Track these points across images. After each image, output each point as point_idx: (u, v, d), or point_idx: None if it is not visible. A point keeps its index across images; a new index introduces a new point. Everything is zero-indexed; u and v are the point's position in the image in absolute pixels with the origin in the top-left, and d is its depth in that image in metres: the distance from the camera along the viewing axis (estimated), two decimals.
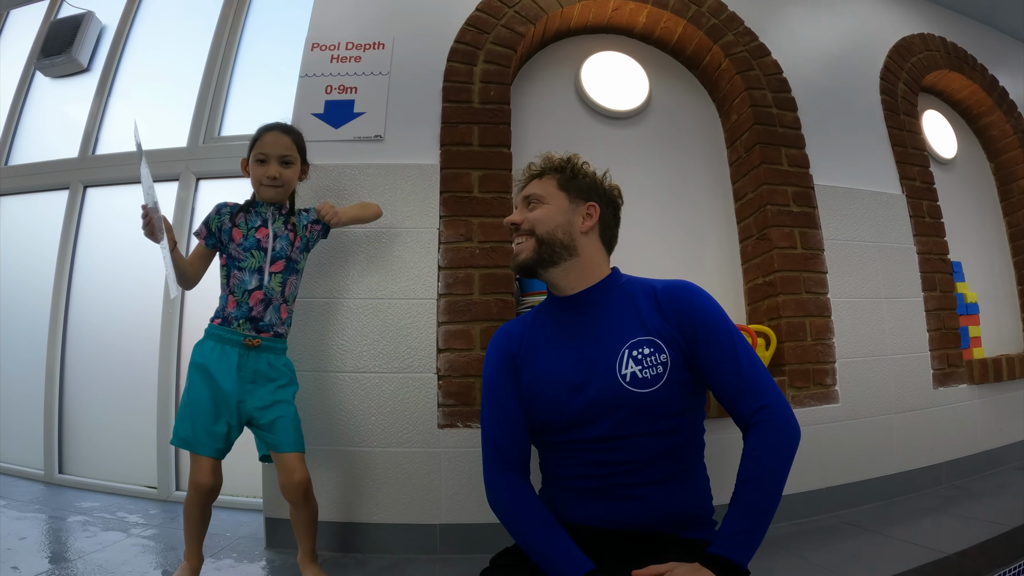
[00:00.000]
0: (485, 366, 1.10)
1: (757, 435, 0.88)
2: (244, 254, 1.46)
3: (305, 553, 1.47)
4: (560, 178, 1.07)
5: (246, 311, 1.43)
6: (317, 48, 2.01)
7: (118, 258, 2.52)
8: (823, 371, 1.98)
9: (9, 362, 2.62)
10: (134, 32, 2.84)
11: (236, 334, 1.42)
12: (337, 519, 1.68)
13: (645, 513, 0.94)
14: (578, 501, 0.98)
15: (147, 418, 2.29)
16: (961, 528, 1.68)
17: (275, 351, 1.47)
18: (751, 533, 0.82)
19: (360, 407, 1.73)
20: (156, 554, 1.66)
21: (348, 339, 1.76)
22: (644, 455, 0.94)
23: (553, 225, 1.03)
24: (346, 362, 1.75)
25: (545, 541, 0.90)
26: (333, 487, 1.70)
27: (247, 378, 1.42)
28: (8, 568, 1.49)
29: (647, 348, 0.94)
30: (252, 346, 1.42)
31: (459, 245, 1.81)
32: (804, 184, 2.12)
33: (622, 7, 2.18)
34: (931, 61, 2.61)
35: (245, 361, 1.42)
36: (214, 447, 1.38)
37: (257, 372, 1.43)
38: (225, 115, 2.54)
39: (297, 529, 1.47)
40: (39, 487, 2.35)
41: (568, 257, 1.03)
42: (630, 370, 0.93)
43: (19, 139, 2.90)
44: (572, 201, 1.05)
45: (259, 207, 1.53)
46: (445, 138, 1.91)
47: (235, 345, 1.41)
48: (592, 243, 1.06)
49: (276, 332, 1.47)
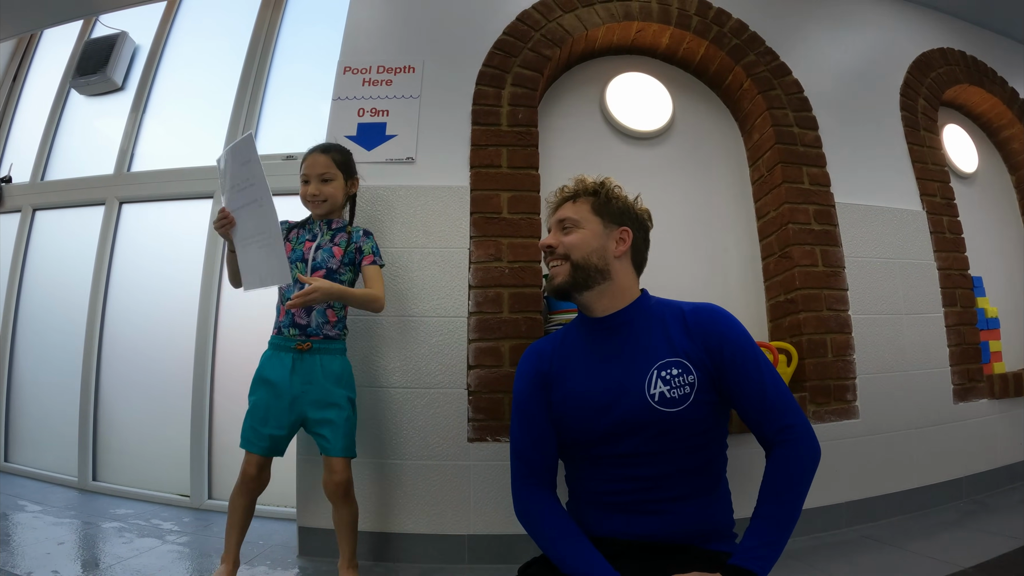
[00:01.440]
0: (516, 382, 1.13)
1: (780, 453, 0.92)
2: (291, 266, 1.54)
3: (344, 558, 1.52)
4: (594, 202, 1.09)
5: (290, 319, 1.54)
6: (349, 72, 2.07)
7: (153, 272, 2.60)
8: (844, 387, 2.00)
9: (46, 372, 2.71)
10: (167, 52, 2.93)
11: (288, 340, 1.53)
12: (369, 529, 1.73)
13: (669, 527, 0.97)
14: (604, 514, 1.01)
15: (180, 428, 2.36)
16: (979, 542, 1.70)
17: (328, 352, 1.55)
18: (771, 546, 0.85)
19: (393, 421, 1.78)
20: (191, 560, 1.72)
21: (382, 355, 1.82)
22: (670, 471, 0.97)
23: (588, 250, 1.06)
24: (380, 377, 1.81)
25: (572, 551, 0.93)
26: (366, 497, 1.75)
27: (302, 380, 1.51)
28: (49, 572, 1.55)
29: (675, 369, 0.97)
30: (304, 350, 1.52)
31: (489, 265, 1.87)
32: (825, 202, 2.15)
33: (645, 29, 2.22)
34: (951, 75, 2.62)
35: (299, 365, 1.51)
36: (260, 446, 1.49)
37: (311, 374, 1.52)
38: (258, 133, 2.61)
39: (338, 532, 1.53)
40: (74, 494, 2.41)
41: (602, 281, 1.06)
42: (658, 390, 0.96)
43: (55, 156, 3.00)
44: (606, 226, 1.08)
45: (311, 224, 1.65)
46: (475, 160, 1.96)
47: (288, 351, 1.52)
48: (624, 267, 1.09)
49: (326, 335, 1.55)
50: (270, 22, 2.76)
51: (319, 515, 1.73)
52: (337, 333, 1.58)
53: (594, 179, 1.12)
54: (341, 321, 1.59)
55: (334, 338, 1.57)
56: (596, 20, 2.17)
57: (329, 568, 1.66)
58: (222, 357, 2.42)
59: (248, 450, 1.50)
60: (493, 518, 1.73)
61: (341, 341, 1.60)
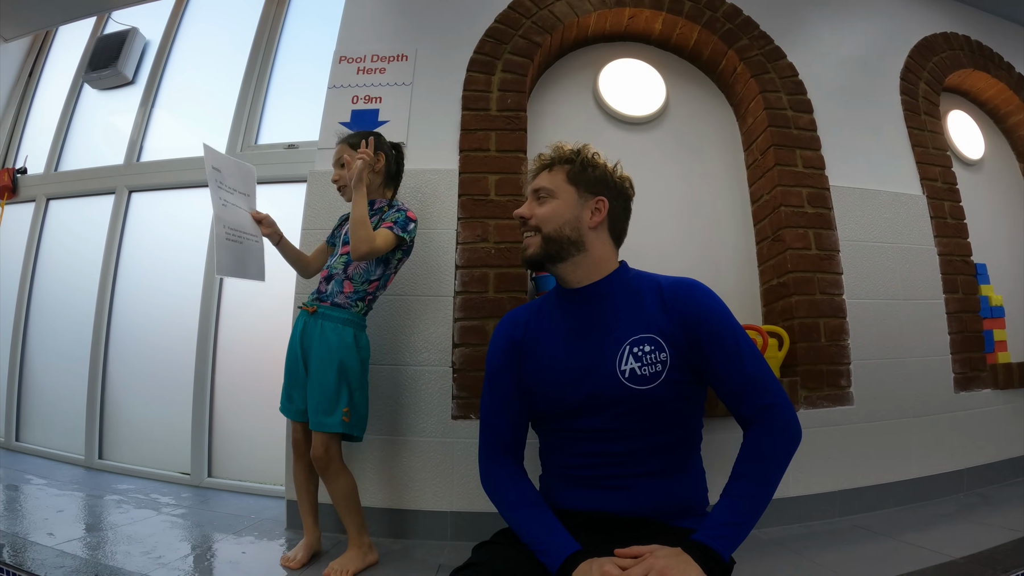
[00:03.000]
0: (489, 350, 1.11)
1: (757, 432, 0.89)
2: (333, 247, 1.70)
3: (350, 537, 1.51)
4: (570, 170, 1.05)
5: (317, 286, 1.62)
6: (344, 61, 2.12)
7: (160, 259, 2.67)
8: (837, 372, 1.97)
9: (56, 355, 2.81)
10: (176, 47, 3.02)
11: (306, 305, 1.60)
12: (375, 504, 1.76)
13: (635, 502, 0.95)
14: (571, 487, 1.00)
15: (183, 410, 2.42)
16: (974, 534, 1.65)
17: (331, 319, 1.55)
18: (737, 526, 0.82)
19: (378, 398, 1.80)
20: (184, 530, 1.77)
21: (369, 333, 1.84)
22: (639, 447, 0.95)
23: (560, 222, 1.02)
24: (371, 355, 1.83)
25: (534, 523, 0.92)
26: (372, 471, 1.78)
27: (305, 343, 1.56)
28: (44, 534, 1.60)
29: (648, 346, 0.95)
30: (310, 312, 1.57)
31: (475, 245, 1.89)
32: (819, 185, 2.13)
33: (638, 15, 2.23)
34: (954, 60, 2.57)
35: (308, 328, 1.56)
36: (291, 409, 1.57)
37: (311, 338, 1.54)
38: (262, 124, 2.68)
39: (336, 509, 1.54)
40: (79, 471, 2.50)
41: (576, 252, 1.03)
42: (629, 366, 0.94)
43: (68, 147, 3.11)
44: (581, 195, 1.04)
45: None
46: (464, 144, 1.99)
47: (302, 314, 1.60)
48: (600, 238, 1.05)
49: (335, 302, 1.57)
50: (274, 17, 2.83)
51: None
52: (346, 302, 1.57)
53: (572, 146, 1.08)
54: (356, 293, 1.58)
55: (342, 306, 1.56)
56: (588, 7, 2.18)
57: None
58: (224, 342, 2.47)
59: (284, 414, 1.60)
60: (476, 495, 1.73)
61: (348, 311, 1.56)
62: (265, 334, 2.38)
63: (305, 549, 1.54)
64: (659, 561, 0.77)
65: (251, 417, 2.38)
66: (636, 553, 0.80)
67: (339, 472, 1.51)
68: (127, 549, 1.54)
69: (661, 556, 0.78)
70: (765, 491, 0.85)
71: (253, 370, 2.41)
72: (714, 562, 0.78)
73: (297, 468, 1.61)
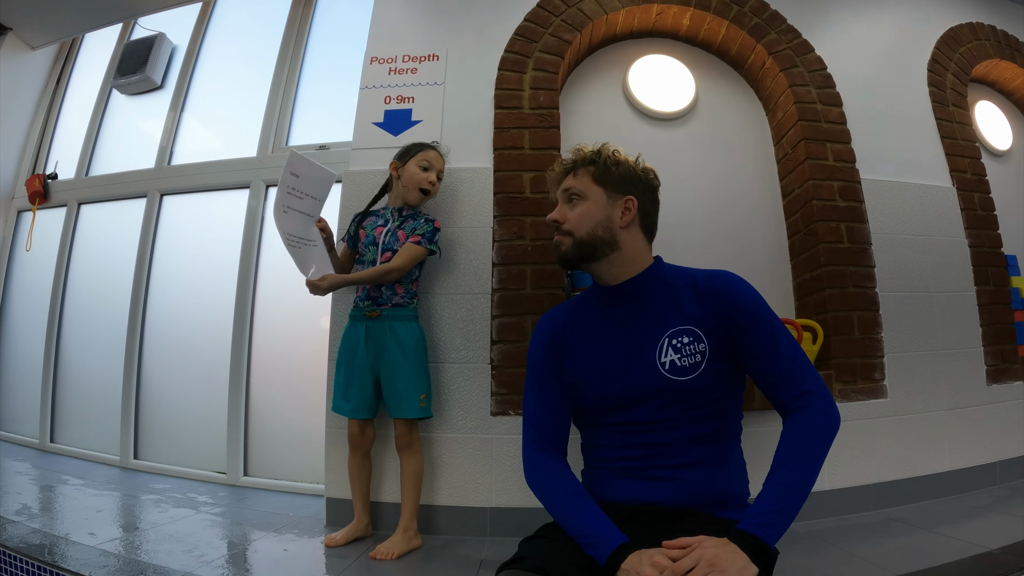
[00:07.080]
0: (530, 349, 1.13)
1: (797, 419, 0.90)
2: (365, 250, 1.77)
3: (402, 517, 1.64)
4: (595, 171, 1.06)
5: (365, 293, 1.73)
6: (376, 62, 2.14)
7: (193, 260, 2.71)
8: (871, 365, 1.98)
9: (91, 357, 2.85)
10: (203, 50, 3.06)
11: (361, 311, 1.72)
12: (393, 500, 1.79)
13: (680, 494, 0.96)
14: (615, 480, 1.01)
15: (218, 409, 2.46)
16: (1008, 525, 1.65)
17: (398, 319, 1.70)
18: (781, 513, 0.83)
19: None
20: (224, 528, 1.80)
21: None
22: (681, 438, 0.96)
23: (593, 224, 1.03)
24: None
25: (580, 516, 0.92)
26: (390, 469, 1.81)
27: (375, 346, 1.69)
28: (85, 534, 1.63)
29: (686, 337, 0.96)
30: (373, 317, 1.69)
31: (512, 243, 1.91)
32: (850, 179, 2.13)
33: (665, 11, 2.24)
34: (981, 50, 2.56)
35: (372, 332, 1.70)
36: (346, 407, 1.71)
37: (383, 340, 1.68)
38: (292, 125, 2.71)
39: (401, 486, 1.69)
40: (115, 471, 2.53)
41: (610, 252, 1.04)
42: (669, 358, 0.96)
43: (98, 152, 3.15)
44: (609, 196, 1.04)
45: (386, 210, 1.81)
46: (498, 142, 2.01)
47: (361, 320, 1.72)
48: (633, 235, 1.06)
49: (395, 303, 1.71)
50: (302, 17, 2.85)
51: (345, 487, 1.77)
52: (406, 301, 1.73)
53: (591, 147, 1.09)
54: (408, 292, 1.74)
55: (403, 305, 1.72)
56: (616, 4, 2.20)
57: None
58: (258, 342, 2.50)
59: (338, 413, 1.73)
60: (515, 491, 1.76)
61: (409, 308, 1.73)
62: (300, 332, 2.41)
63: (348, 531, 1.67)
64: (708, 551, 0.78)
65: (287, 416, 2.41)
66: (684, 544, 0.81)
67: (418, 451, 1.70)
68: (169, 548, 1.57)
69: (709, 546, 0.79)
70: (807, 478, 0.86)
71: (288, 369, 2.44)
72: (761, 551, 0.79)
73: (352, 459, 1.72)
